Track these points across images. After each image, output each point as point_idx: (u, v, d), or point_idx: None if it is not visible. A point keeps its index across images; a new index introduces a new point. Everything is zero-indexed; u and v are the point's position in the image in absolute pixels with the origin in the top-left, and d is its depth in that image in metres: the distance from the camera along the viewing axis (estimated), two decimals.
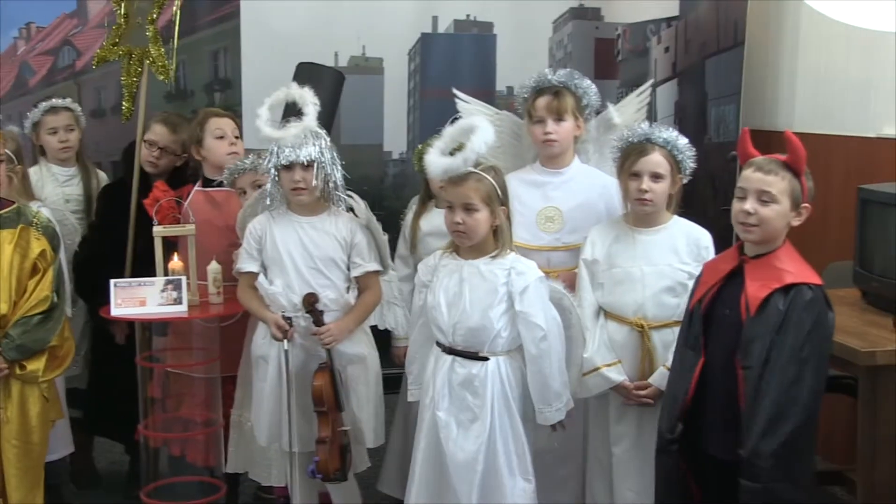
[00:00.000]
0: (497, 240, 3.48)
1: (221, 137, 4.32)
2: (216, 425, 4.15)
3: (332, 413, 3.76)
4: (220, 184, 4.28)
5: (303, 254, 3.78)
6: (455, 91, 4.32)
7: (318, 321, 3.73)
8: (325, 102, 3.80)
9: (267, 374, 3.85)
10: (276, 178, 3.77)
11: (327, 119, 4.00)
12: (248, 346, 4.12)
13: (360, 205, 3.88)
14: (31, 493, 3.80)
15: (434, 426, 3.53)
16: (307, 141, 3.70)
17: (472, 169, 3.43)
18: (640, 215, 3.68)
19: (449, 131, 3.52)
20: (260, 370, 3.90)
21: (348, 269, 3.83)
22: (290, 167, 3.70)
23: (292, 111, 3.78)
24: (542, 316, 3.42)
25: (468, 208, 3.42)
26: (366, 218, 3.87)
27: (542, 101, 3.93)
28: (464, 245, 3.51)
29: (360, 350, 3.91)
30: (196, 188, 4.36)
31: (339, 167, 3.80)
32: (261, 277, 3.81)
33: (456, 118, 4.26)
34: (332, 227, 3.82)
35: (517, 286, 3.43)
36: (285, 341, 3.74)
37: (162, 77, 4.55)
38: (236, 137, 4.36)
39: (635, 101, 4.26)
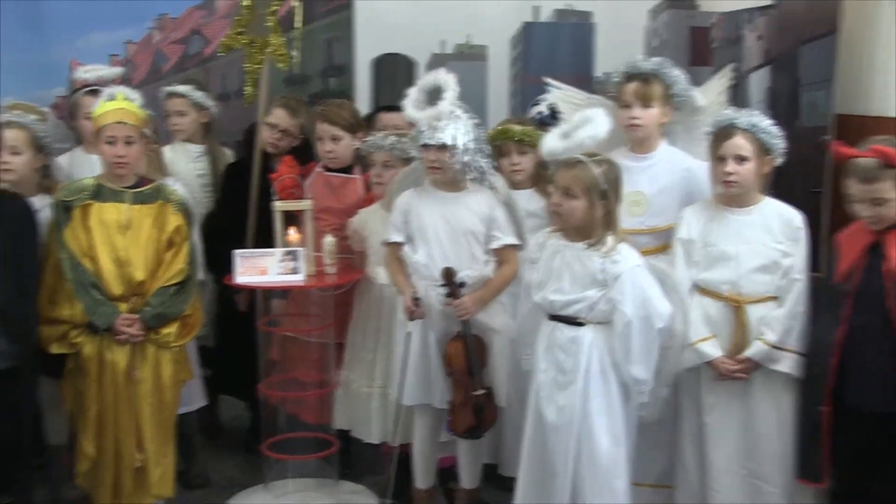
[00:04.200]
0: (599, 228, 3.57)
1: (320, 139, 4.51)
2: (330, 386, 4.37)
3: (463, 379, 3.91)
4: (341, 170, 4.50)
5: (445, 227, 3.93)
6: (547, 79, 4.46)
7: (455, 294, 3.86)
8: None
9: (412, 340, 3.97)
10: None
11: None
12: (356, 311, 4.36)
13: (500, 182, 4.02)
14: (164, 446, 4.03)
15: (536, 389, 3.68)
16: (443, 125, 3.82)
17: (583, 158, 3.56)
18: (730, 196, 3.79)
19: (572, 119, 3.65)
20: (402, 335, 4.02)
21: (487, 243, 3.96)
22: (426, 147, 3.88)
23: (437, 95, 3.90)
24: (630, 304, 3.49)
25: (567, 193, 3.55)
26: (505, 195, 4.00)
27: (630, 87, 4.01)
28: (556, 226, 3.65)
29: (495, 321, 3.98)
30: (317, 169, 4.56)
31: (484, 150, 3.94)
32: (406, 247, 3.98)
33: (536, 102, 4.42)
34: (472, 203, 3.94)
35: (611, 273, 3.53)
36: (409, 323, 3.91)
37: (281, 65, 4.74)
38: (333, 139, 4.47)
39: (717, 84, 4.33)
